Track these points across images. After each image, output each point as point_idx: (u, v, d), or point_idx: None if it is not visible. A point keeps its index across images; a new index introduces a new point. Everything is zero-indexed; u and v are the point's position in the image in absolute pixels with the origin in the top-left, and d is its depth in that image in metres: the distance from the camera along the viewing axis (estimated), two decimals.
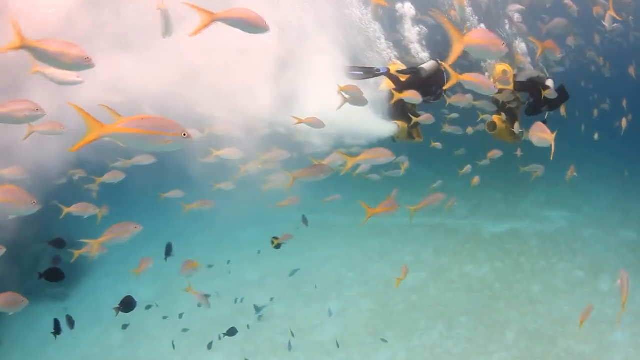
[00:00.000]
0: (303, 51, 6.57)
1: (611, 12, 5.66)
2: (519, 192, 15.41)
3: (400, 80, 6.90)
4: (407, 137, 7.21)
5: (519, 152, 8.47)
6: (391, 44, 7.71)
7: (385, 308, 10.52)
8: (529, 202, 15.04)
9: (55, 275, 6.59)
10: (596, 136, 11.83)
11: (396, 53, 7.70)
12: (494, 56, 3.91)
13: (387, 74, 6.87)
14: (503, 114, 7.26)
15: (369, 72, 6.72)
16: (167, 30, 4.66)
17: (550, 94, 6.88)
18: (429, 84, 7.03)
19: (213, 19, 3.38)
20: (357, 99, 5.55)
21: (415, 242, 13.06)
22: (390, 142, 7.11)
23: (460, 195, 14.95)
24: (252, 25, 3.57)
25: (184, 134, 2.99)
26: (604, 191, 15.22)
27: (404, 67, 7.13)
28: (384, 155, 5.18)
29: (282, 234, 6.97)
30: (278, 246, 6.99)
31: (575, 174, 8.98)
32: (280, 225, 8.99)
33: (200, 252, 9.87)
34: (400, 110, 7.08)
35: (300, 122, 5.45)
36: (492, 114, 7.48)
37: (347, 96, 5.49)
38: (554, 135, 4.83)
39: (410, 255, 12.43)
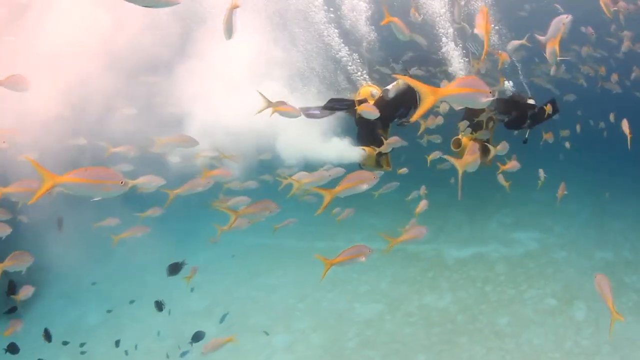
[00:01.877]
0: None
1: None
2: (485, 212, 14.58)
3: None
4: (374, 165, 6.92)
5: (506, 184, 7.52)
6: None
7: (337, 344, 9.45)
8: (495, 224, 14.12)
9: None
10: (567, 145, 10.76)
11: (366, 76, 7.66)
12: (480, 105, 3.23)
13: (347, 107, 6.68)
14: (472, 132, 7.09)
15: (325, 110, 6.53)
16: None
17: (549, 109, 7.03)
18: (397, 105, 6.85)
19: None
20: (286, 112, 5.56)
21: (372, 269, 12.00)
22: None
23: (423, 218, 13.93)
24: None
25: (122, 182, 3.37)
26: (576, 209, 14.43)
27: (376, 89, 7.01)
28: (367, 180, 4.39)
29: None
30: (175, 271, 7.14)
31: (565, 192, 8.43)
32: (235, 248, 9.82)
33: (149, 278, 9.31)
34: (369, 135, 6.85)
35: (276, 109, 5.46)
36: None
37: (270, 102, 5.45)
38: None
39: (366, 285, 11.34)
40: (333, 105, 6.59)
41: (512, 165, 7.03)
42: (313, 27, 7.93)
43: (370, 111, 5.85)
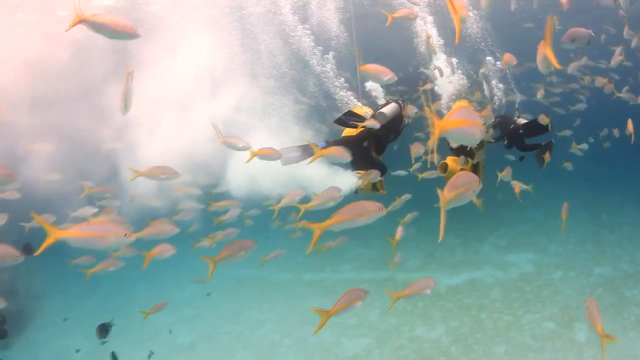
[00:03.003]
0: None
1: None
2: (478, 234, 14.06)
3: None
4: (370, 189, 6.78)
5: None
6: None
7: None
8: (489, 246, 13.57)
9: None
10: (569, 166, 10.22)
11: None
12: (474, 141, 3.30)
13: (330, 144, 6.45)
14: (462, 157, 7.05)
15: (307, 150, 6.33)
16: None
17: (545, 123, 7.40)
18: (390, 129, 6.87)
19: (82, 19, 3.48)
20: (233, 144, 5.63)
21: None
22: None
23: (413, 244, 13.50)
24: (122, 32, 3.67)
25: (125, 234, 3.54)
26: (571, 225, 13.71)
27: (368, 110, 6.94)
28: (370, 213, 3.83)
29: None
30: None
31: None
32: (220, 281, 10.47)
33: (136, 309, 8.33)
34: (363, 159, 6.64)
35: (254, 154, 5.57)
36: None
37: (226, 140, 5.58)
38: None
39: (354, 318, 10.71)
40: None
41: (507, 171, 7.25)
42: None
43: (339, 155, 5.47)
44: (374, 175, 6.33)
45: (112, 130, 6.94)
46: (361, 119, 6.58)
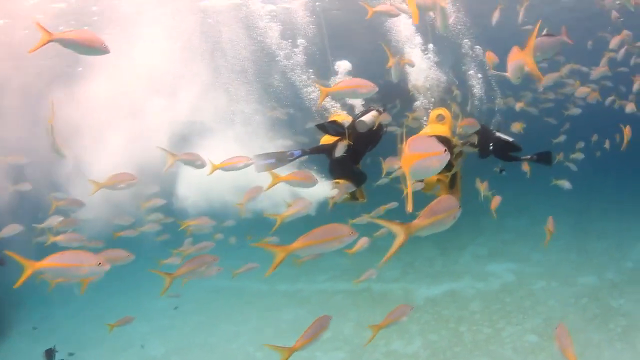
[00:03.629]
0: None
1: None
2: (457, 244, 13.70)
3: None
4: (349, 198, 6.64)
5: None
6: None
7: None
8: (469, 256, 13.22)
9: None
10: (566, 184, 9.79)
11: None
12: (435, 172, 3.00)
13: (306, 153, 6.51)
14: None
15: (282, 158, 6.28)
16: None
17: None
18: (370, 139, 6.74)
19: (51, 39, 3.56)
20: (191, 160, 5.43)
21: (335, 313, 10.61)
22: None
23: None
24: (90, 47, 3.70)
25: (99, 263, 3.55)
26: (554, 232, 13.18)
27: (347, 118, 6.89)
28: (342, 237, 3.45)
29: None
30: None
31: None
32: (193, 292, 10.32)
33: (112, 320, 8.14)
34: (342, 167, 6.51)
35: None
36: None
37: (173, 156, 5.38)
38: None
39: (328, 331, 9.93)
40: (288, 156, 6.36)
41: (484, 186, 7.04)
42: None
43: (304, 181, 5.19)
44: (345, 189, 6.09)
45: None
46: (342, 128, 6.44)
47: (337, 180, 6.36)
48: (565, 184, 9.27)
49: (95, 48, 3.70)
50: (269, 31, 8.30)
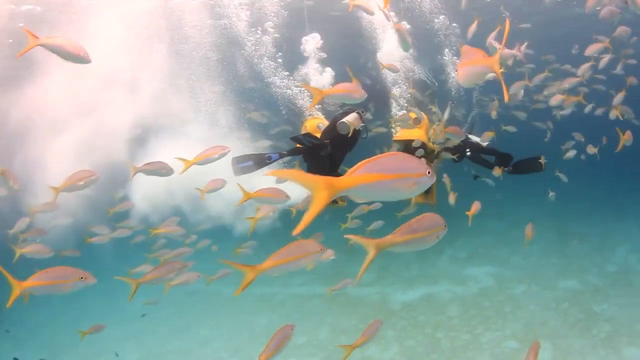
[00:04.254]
0: None
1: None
2: (435, 246, 12.94)
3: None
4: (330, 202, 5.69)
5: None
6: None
7: None
8: (447, 259, 12.98)
9: None
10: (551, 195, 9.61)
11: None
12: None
13: (284, 155, 6.57)
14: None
15: (260, 161, 6.30)
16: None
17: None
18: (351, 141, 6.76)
19: (38, 44, 3.73)
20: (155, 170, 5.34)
21: (310, 318, 10.80)
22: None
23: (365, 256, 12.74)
24: (73, 54, 3.81)
25: (82, 278, 3.74)
26: (535, 234, 12.96)
27: (323, 121, 6.97)
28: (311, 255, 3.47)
29: None
30: None
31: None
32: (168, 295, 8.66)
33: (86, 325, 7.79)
34: (322, 170, 6.57)
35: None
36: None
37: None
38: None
39: (303, 336, 9.93)
40: (266, 159, 6.38)
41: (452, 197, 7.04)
42: None
43: (275, 198, 5.08)
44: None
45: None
46: (316, 139, 6.52)
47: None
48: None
49: (77, 56, 3.87)
50: (237, 20, 7.98)
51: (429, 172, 2.37)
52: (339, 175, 6.39)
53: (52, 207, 6.27)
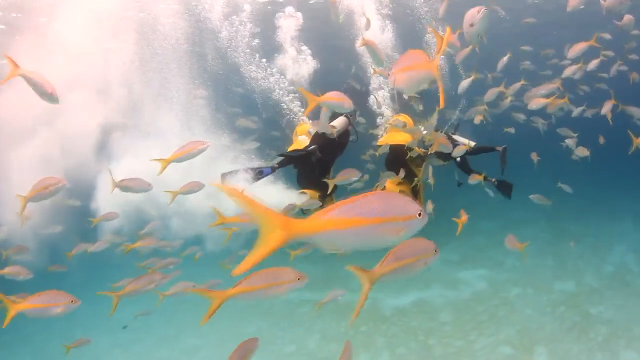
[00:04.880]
0: None
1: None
2: None
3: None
4: (320, 208, 6.41)
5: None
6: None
7: None
8: (439, 262, 12.48)
9: None
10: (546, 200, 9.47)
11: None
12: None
13: (275, 169, 6.54)
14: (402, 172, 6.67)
15: (253, 177, 6.27)
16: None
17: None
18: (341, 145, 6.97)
19: (18, 73, 3.87)
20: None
21: (299, 325, 10.55)
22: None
23: (355, 262, 12.50)
24: (46, 93, 4.00)
25: (72, 301, 4.01)
26: (530, 235, 13.11)
27: (312, 128, 6.96)
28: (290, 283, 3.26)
29: None
30: None
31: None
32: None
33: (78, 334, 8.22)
34: (310, 177, 6.70)
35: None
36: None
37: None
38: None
39: (293, 344, 9.72)
40: (257, 174, 6.37)
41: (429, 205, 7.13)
42: None
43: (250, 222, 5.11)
44: (312, 203, 6.17)
45: None
46: (303, 151, 6.59)
47: (303, 190, 6.46)
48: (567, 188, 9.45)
49: (49, 94, 4.04)
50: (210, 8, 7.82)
51: (419, 214, 2.09)
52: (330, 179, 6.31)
53: (25, 216, 6.08)
